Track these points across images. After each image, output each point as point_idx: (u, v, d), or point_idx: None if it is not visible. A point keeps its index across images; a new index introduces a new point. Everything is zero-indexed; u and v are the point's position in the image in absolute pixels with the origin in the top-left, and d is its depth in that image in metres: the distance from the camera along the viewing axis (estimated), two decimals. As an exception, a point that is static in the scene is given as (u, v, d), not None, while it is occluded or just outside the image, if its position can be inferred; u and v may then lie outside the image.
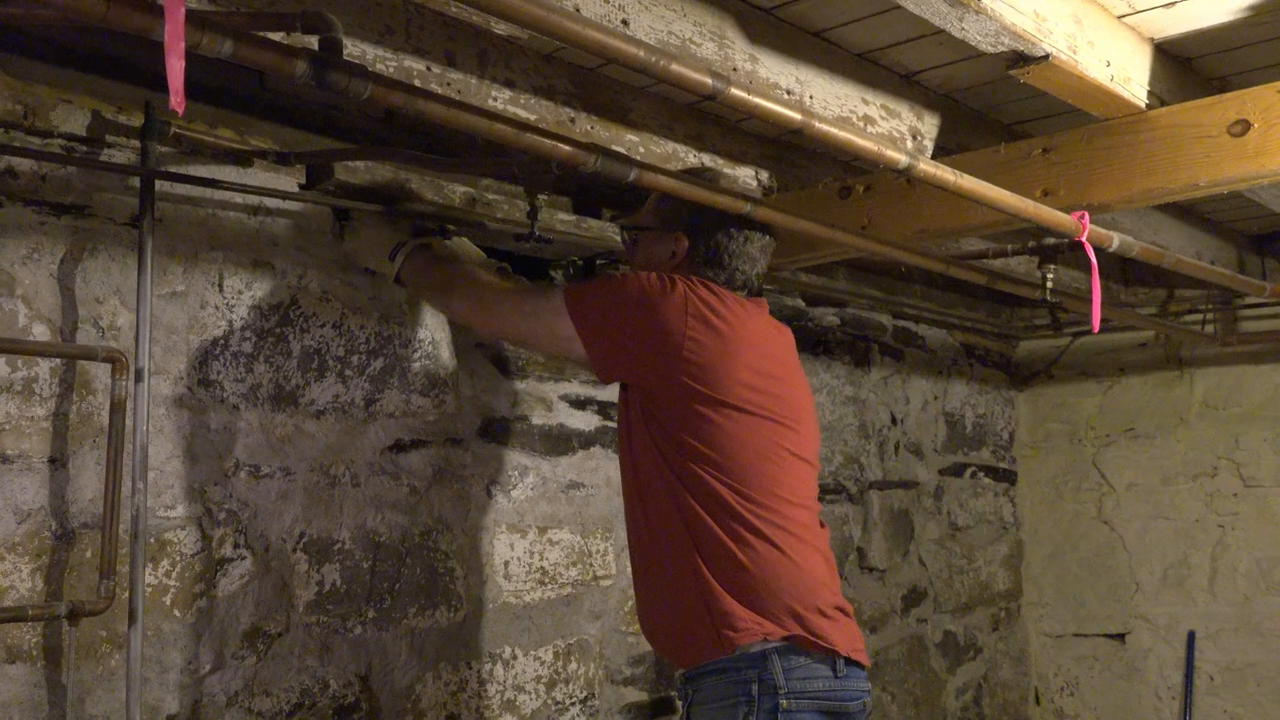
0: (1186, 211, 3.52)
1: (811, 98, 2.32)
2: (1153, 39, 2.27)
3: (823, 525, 2.17)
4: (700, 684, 2.02)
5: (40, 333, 1.98)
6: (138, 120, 2.07)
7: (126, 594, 1.99)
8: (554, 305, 2.11)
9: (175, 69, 1.17)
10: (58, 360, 2.00)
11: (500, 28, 2.05)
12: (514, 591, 2.73)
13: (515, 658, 2.72)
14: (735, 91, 1.59)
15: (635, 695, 3.02)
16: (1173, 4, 2.11)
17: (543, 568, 2.80)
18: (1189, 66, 2.42)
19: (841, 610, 2.06)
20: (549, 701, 2.78)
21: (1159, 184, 2.30)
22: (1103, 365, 4.65)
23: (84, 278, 2.04)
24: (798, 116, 1.70)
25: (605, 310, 2.09)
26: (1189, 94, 2.35)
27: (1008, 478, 4.78)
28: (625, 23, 1.97)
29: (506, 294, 2.20)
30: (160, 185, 2.08)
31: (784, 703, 1.92)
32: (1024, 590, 4.80)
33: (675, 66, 1.51)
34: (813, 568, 2.05)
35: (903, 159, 1.88)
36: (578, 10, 1.88)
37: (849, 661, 2.00)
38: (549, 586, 2.81)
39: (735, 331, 2.05)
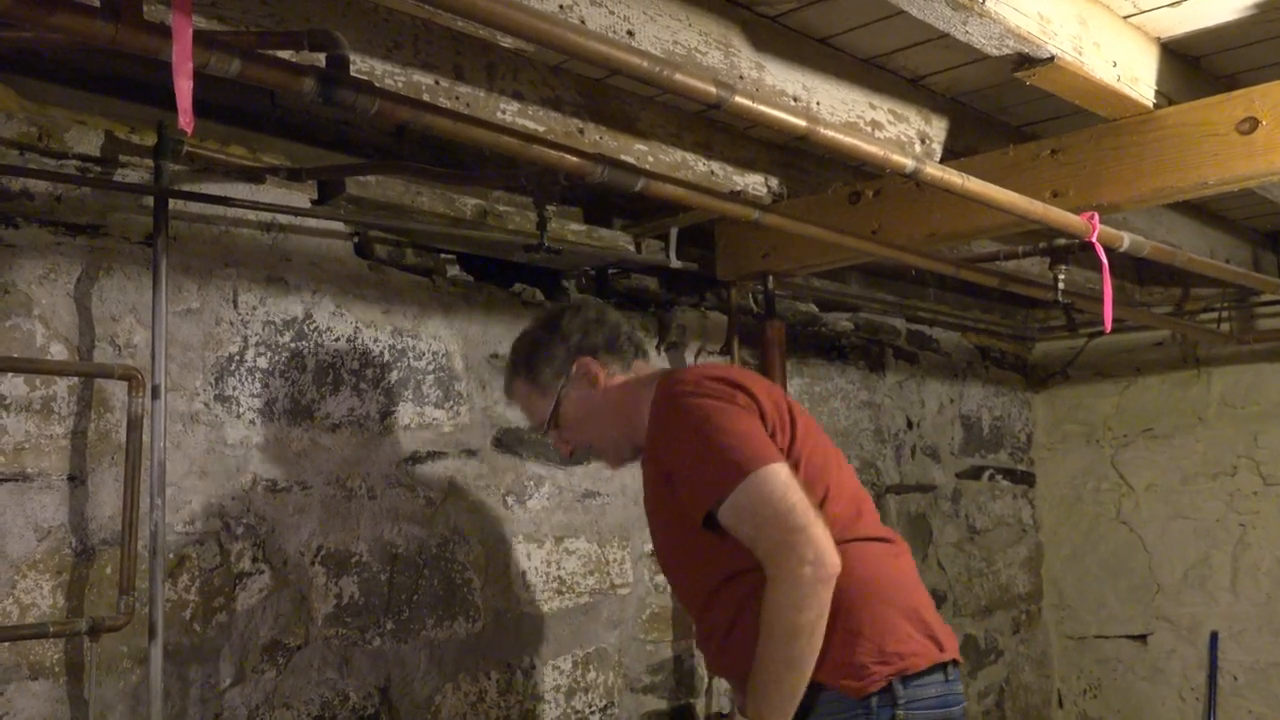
0: (1199, 210, 3.51)
1: (818, 104, 2.32)
2: (1159, 38, 2.27)
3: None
4: (816, 700, 1.89)
5: (58, 352, 2.00)
6: (151, 140, 2.09)
7: (146, 609, 2.01)
8: (751, 493, 1.82)
9: (183, 89, 1.19)
10: (75, 379, 2.02)
11: (507, 41, 2.06)
12: (531, 601, 2.73)
13: (534, 667, 2.72)
14: (740, 100, 1.60)
15: (655, 703, 3.02)
16: (1179, 3, 2.11)
17: (560, 577, 2.81)
18: (1196, 65, 2.41)
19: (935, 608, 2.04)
20: (569, 710, 2.78)
21: (1168, 183, 2.29)
22: (1119, 365, 4.64)
23: (100, 296, 2.06)
24: (802, 123, 1.70)
25: (722, 439, 1.87)
26: (1197, 92, 2.35)
27: (1026, 480, 4.76)
28: (630, 33, 1.98)
29: (781, 554, 1.80)
30: (174, 204, 2.11)
31: (900, 714, 1.87)
32: (1044, 592, 4.77)
33: (679, 76, 1.52)
34: (907, 571, 2.03)
35: (909, 163, 1.88)
36: (583, 22, 1.89)
37: (955, 664, 1.98)
38: (566, 596, 2.82)
39: (736, 371, 2.05)
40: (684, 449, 1.92)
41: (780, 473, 1.83)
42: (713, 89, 1.57)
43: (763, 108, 1.64)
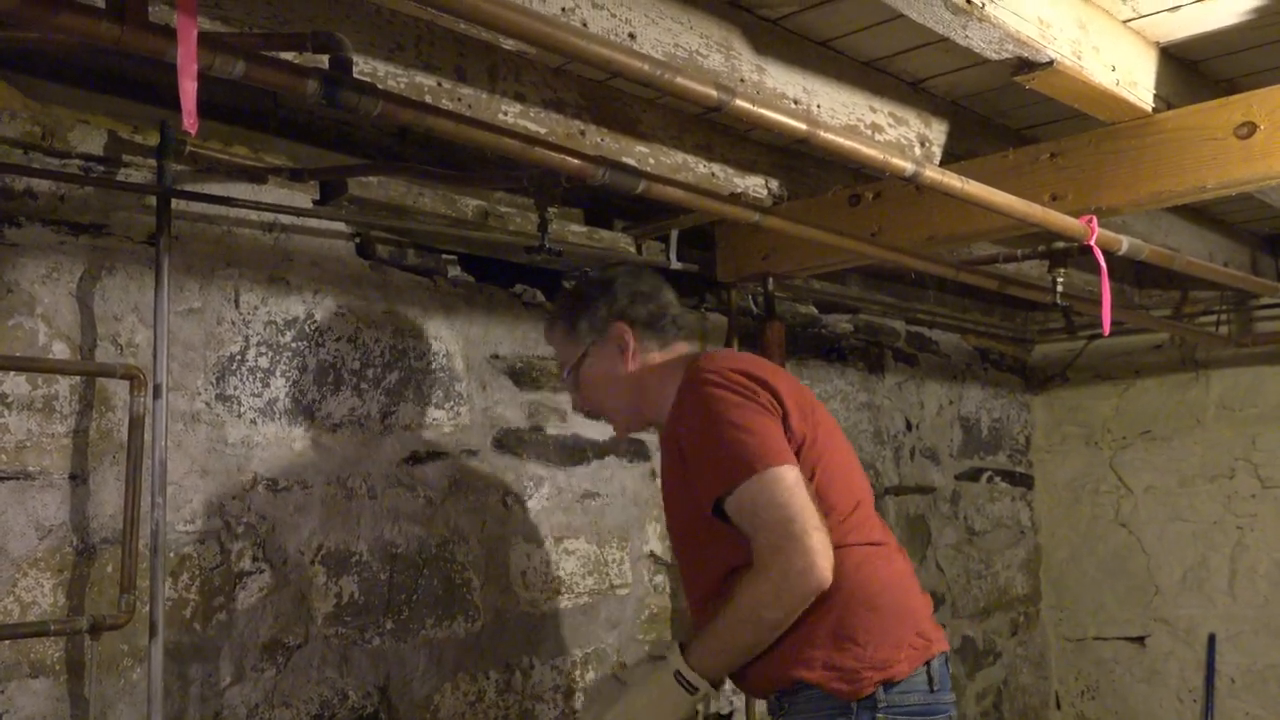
0: (1198, 214, 3.52)
1: (819, 107, 2.33)
2: (1158, 43, 2.28)
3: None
4: (794, 698, 1.95)
5: (60, 351, 2.01)
6: (154, 140, 2.10)
7: (147, 608, 2.02)
8: (756, 491, 1.85)
9: (188, 90, 1.20)
10: (77, 378, 2.03)
11: (509, 43, 2.07)
12: (531, 601, 2.74)
13: (533, 667, 2.73)
14: (740, 103, 1.61)
15: (653, 703, 3.02)
16: (1178, 8, 2.12)
17: (559, 577, 2.81)
18: (1195, 69, 2.42)
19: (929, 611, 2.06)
20: (567, 710, 2.79)
21: (1167, 187, 2.30)
22: (1118, 368, 4.65)
23: (102, 296, 2.07)
24: (803, 126, 1.71)
25: (740, 437, 1.89)
26: (1196, 97, 2.35)
27: (1024, 482, 4.77)
28: (632, 36, 1.99)
29: (773, 553, 1.83)
30: (176, 203, 2.11)
31: (880, 717, 1.90)
32: (1043, 594, 4.78)
33: (680, 79, 1.53)
34: (903, 574, 2.05)
35: (908, 166, 1.89)
36: (585, 25, 1.90)
37: (941, 660, 1.99)
38: (565, 596, 2.82)
39: (765, 367, 2.07)
40: (701, 437, 1.94)
41: (787, 475, 1.85)
42: (713, 92, 1.58)
43: (763, 111, 1.65)
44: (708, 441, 1.92)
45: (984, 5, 1.79)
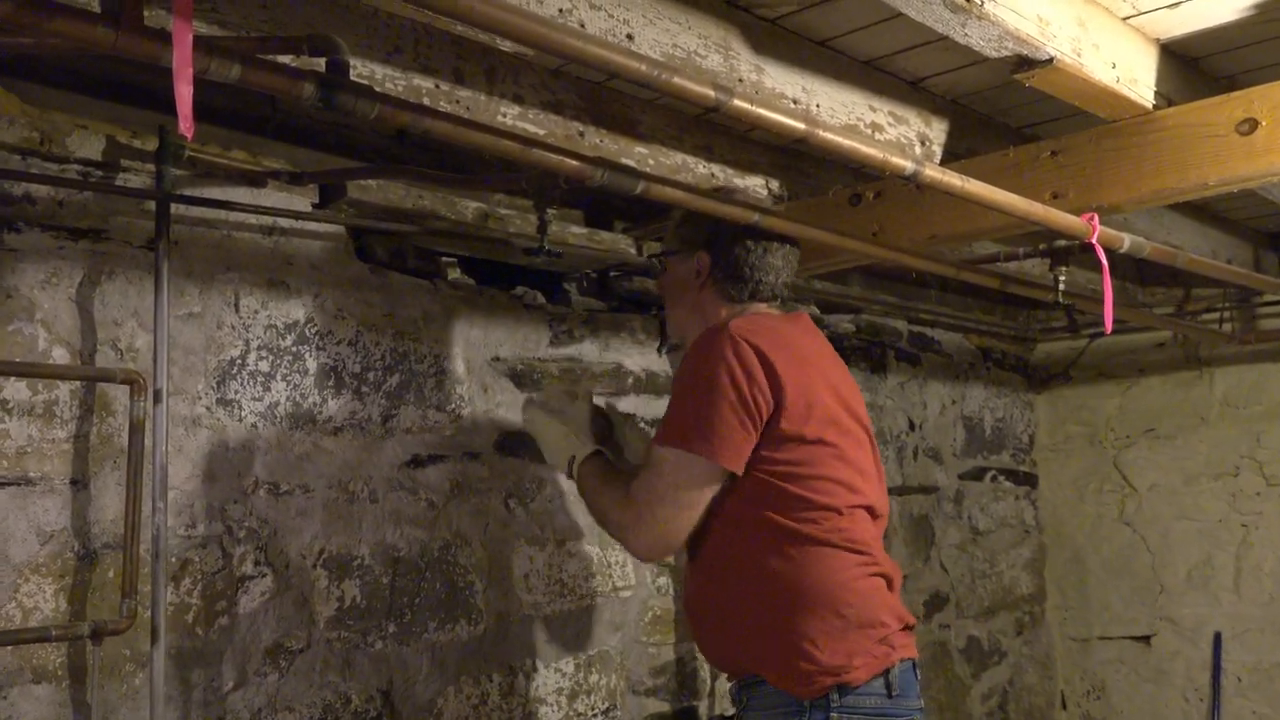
0: (1201, 211, 3.51)
1: (818, 106, 2.33)
2: (1159, 39, 2.27)
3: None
4: (754, 691, 2.04)
5: (60, 356, 2.01)
6: (152, 144, 2.10)
7: (149, 613, 2.01)
8: (669, 462, 2.02)
9: (183, 95, 1.20)
10: (77, 383, 2.03)
11: (506, 45, 2.07)
12: (534, 604, 2.74)
13: (536, 670, 2.73)
14: (738, 103, 1.60)
15: (657, 705, 3.02)
16: (1178, 4, 2.11)
17: (562, 579, 2.81)
18: (1196, 66, 2.42)
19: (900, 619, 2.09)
20: (571, 713, 2.79)
21: (1168, 184, 2.29)
22: (1121, 366, 4.64)
23: (102, 301, 2.07)
24: (801, 126, 1.71)
25: (705, 413, 1.99)
26: (1197, 93, 2.35)
27: (1028, 481, 4.76)
28: (630, 37, 1.98)
29: (636, 503, 2.05)
30: (175, 208, 2.11)
31: (834, 716, 1.95)
32: (1047, 594, 4.78)
33: (677, 79, 1.53)
34: (874, 587, 2.07)
35: (908, 165, 1.88)
36: (583, 26, 1.90)
37: (903, 668, 2.03)
38: (568, 598, 2.82)
39: (798, 353, 2.08)
40: (679, 388, 2.08)
41: (695, 466, 1.99)
42: (711, 92, 1.58)
43: (761, 110, 1.65)
44: (681, 393, 2.06)
45: (983, 3, 1.79)
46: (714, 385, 1.98)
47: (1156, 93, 2.26)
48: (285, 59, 1.68)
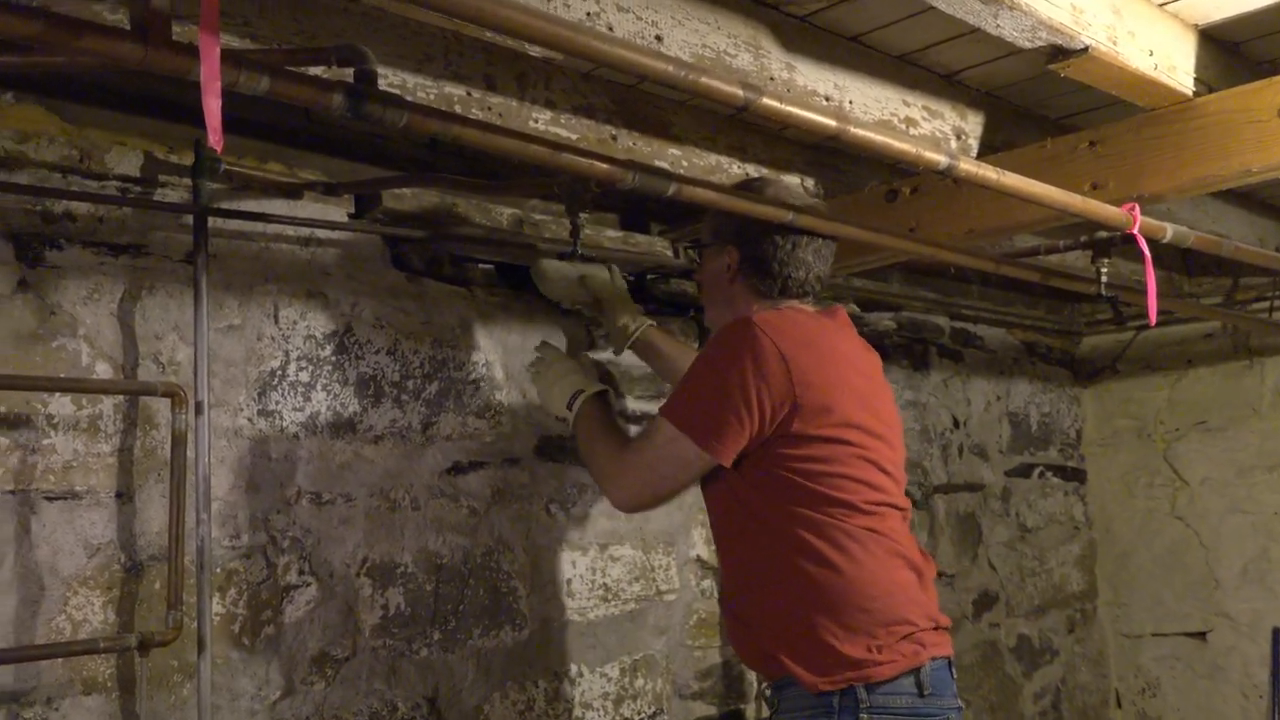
0: (1246, 198, 3.45)
1: (851, 102, 2.31)
2: (1197, 25, 2.24)
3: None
4: (785, 693, 2.04)
5: (103, 371, 2.03)
6: (189, 159, 2.12)
7: (195, 624, 2.03)
8: (664, 434, 2.06)
9: (212, 108, 1.20)
10: (120, 397, 2.05)
11: (535, 50, 2.07)
12: (578, 609, 2.74)
13: (582, 675, 2.72)
14: (767, 101, 1.59)
15: (704, 709, 3.01)
16: (1215, -12, 2.08)
17: (605, 584, 2.81)
18: (1236, 51, 2.38)
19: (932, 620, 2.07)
20: (617, 718, 2.78)
21: (1211, 171, 2.26)
22: (1169, 358, 4.57)
23: (143, 315, 2.09)
24: (832, 123, 1.69)
25: (708, 401, 2.02)
26: (1238, 79, 2.31)
27: (1077, 476, 4.70)
28: (659, 38, 1.98)
29: (627, 459, 2.13)
30: (213, 221, 2.13)
31: (864, 716, 1.94)
32: (1099, 590, 4.71)
33: (705, 80, 1.52)
34: (904, 583, 2.06)
35: (942, 159, 1.87)
36: (610, 29, 1.90)
37: (935, 666, 2.01)
38: (612, 603, 2.82)
39: (822, 352, 2.07)
40: (695, 367, 2.10)
41: (686, 446, 2.02)
42: (739, 91, 1.57)
43: (790, 108, 1.64)
44: (692, 375, 2.09)
45: (1014, -7, 1.77)
46: (724, 376, 1.99)
47: (1196, 79, 2.22)
48: (315, 70, 1.69)
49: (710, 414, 2.00)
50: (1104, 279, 2.70)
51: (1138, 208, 2.30)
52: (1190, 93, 2.21)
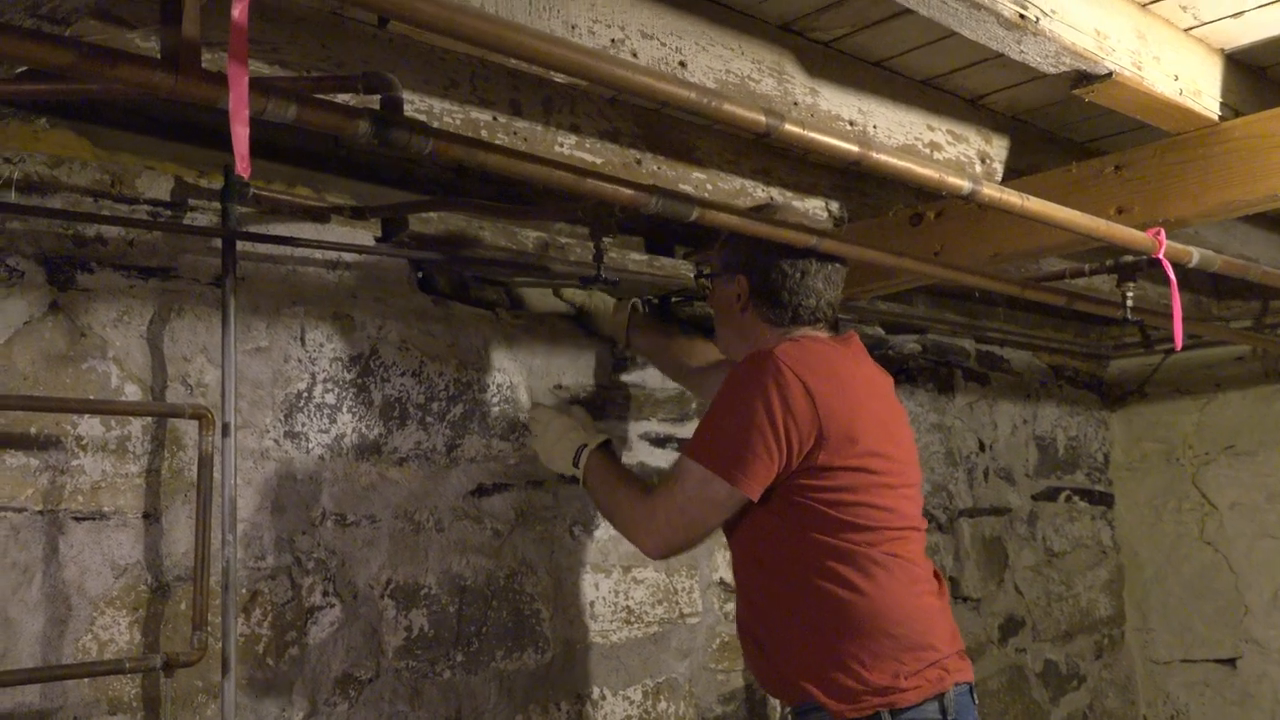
0: (1276, 222, 3.43)
1: (875, 127, 2.32)
2: (1223, 49, 2.23)
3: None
4: (810, 716, 2.04)
5: (132, 393, 2.06)
6: (218, 183, 2.14)
7: (220, 644, 2.04)
8: (694, 476, 2.04)
9: (240, 136, 1.22)
10: (149, 418, 2.07)
11: (560, 77, 2.09)
12: (601, 631, 2.74)
13: (604, 698, 2.72)
14: (789, 127, 1.60)
15: (727, 733, 3.00)
16: (1241, 13, 2.07)
17: (628, 607, 2.80)
18: (1263, 76, 2.37)
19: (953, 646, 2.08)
20: (640, 741, 2.78)
21: (1237, 196, 2.25)
22: (1198, 381, 4.53)
23: (172, 337, 2.11)
24: (855, 148, 1.70)
25: (737, 439, 2.00)
26: (1265, 103, 2.30)
27: (1104, 500, 4.67)
28: (683, 64, 1.99)
29: (655, 505, 2.10)
30: (241, 245, 2.15)
31: None
32: (1127, 616, 4.67)
33: (728, 106, 1.53)
34: (927, 607, 2.07)
35: (965, 184, 1.87)
36: (635, 56, 1.91)
37: (959, 692, 2.01)
38: (635, 625, 2.81)
39: (843, 381, 2.07)
40: (717, 406, 2.09)
41: (717, 487, 2.01)
42: (762, 118, 1.58)
43: (813, 134, 1.64)
44: (716, 413, 2.08)
45: (1038, 19, 1.77)
46: (751, 413, 1.98)
47: (1222, 104, 2.22)
48: (343, 98, 1.71)
49: (739, 453, 1.98)
50: (1129, 303, 2.69)
51: (1163, 232, 2.29)
52: (1216, 117, 2.20)
